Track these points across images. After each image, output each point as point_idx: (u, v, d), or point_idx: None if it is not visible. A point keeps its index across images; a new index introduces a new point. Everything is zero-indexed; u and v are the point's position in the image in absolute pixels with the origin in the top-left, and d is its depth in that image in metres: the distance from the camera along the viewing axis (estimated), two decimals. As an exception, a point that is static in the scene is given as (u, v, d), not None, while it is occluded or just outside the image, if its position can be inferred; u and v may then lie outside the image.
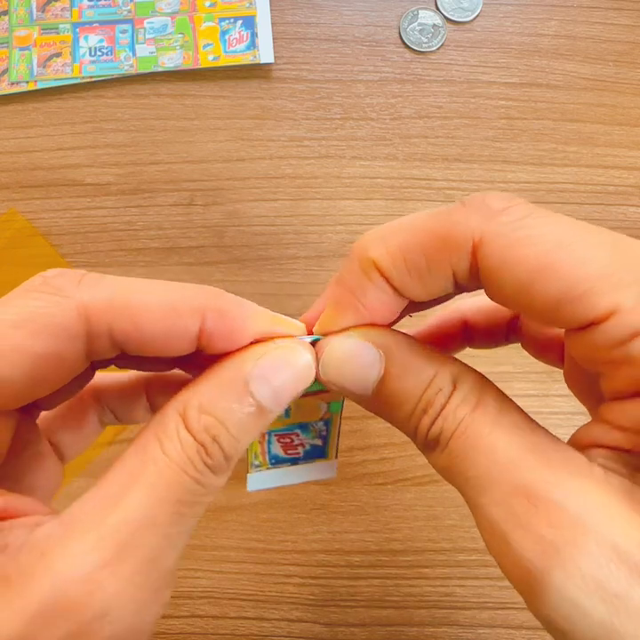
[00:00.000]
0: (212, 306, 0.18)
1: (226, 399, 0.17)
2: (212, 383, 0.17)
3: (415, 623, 0.37)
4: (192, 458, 0.16)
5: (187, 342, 0.18)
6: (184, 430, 0.17)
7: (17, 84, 0.46)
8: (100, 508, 0.16)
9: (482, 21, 0.47)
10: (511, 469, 0.15)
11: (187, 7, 0.47)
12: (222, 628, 0.37)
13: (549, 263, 0.15)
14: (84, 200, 0.44)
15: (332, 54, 0.47)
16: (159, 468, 0.16)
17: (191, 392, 0.17)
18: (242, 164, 0.45)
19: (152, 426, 0.17)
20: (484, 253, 0.16)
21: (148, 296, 0.17)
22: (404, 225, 0.17)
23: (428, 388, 0.17)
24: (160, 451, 0.16)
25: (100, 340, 0.17)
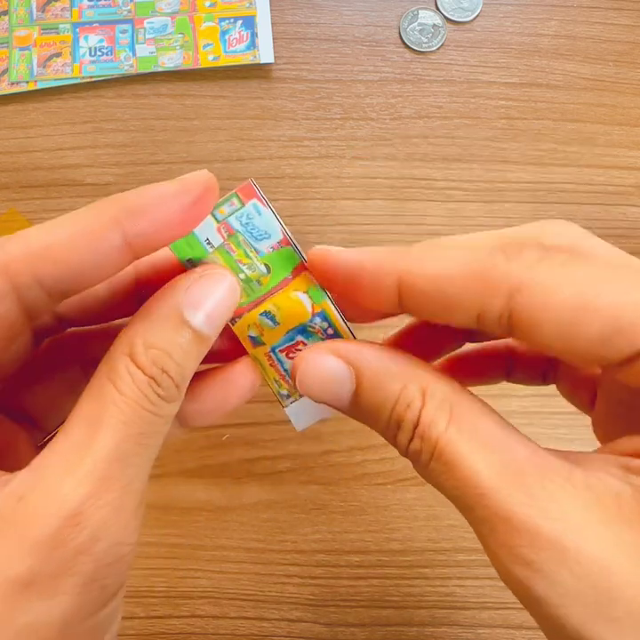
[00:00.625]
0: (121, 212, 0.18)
1: (166, 331, 0.18)
2: (152, 319, 0.18)
3: (415, 623, 0.37)
4: (145, 391, 0.17)
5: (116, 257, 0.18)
6: (133, 367, 0.17)
7: (17, 84, 0.46)
8: (71, 453, 0.17)
9: (482, 21, 0.47)
10: (491, 495, 0.16)
11: (187, 7, 0.47)
12: (222, 628, 0.37)
13: (589, 302, 0.16)
14: (84, 200, 0.44)
15: (332, 54, 0.47)
16: (118, 407, 0.17)
17: (132, 331, 0.18)
18: (242, 163, 0.45)
19: (102, 370, 0.18)
20: (522, 301, 0.16)
21: (57, 230, 0.17)
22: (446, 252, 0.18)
23: (397, 404, 0.18)
24: (115, 391, 0.17)
25: (32, 291, 0.17)
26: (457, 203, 0.44)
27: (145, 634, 0.37)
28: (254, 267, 0.20)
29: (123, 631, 0.37)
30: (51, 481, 0.16)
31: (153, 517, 0.38)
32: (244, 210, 0.21)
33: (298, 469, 0.39)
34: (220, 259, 0.20)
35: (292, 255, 0.20)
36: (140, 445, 0.18)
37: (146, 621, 0.37)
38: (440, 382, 0.18)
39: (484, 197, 0.44)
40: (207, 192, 0.20)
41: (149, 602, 0.38)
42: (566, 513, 0.15)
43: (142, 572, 0.38)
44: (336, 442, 0.40)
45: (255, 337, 0.21)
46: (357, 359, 0.19)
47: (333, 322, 0.21)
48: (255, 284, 0.20)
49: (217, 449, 0.40)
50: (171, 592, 0.38)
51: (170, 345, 0.18)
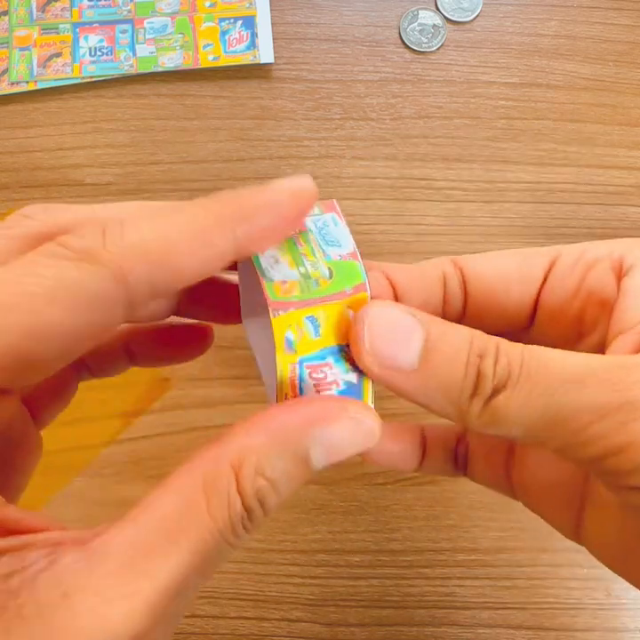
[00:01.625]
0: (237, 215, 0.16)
1: (284, 462, 0.16)
2: (274, 440, 0.16)
3: (415, 623, 0.37)
4: (235, 524, 0.15)
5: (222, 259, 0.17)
6: (235, 491, 0.15)
7: (17, 84, 0.46)
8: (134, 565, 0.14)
9: (482, 21, 0.47)
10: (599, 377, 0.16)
11: (187, 7, 0.47)
12: (222, 628, 0.37)
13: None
14: (84, 200, 0.44)
15: (332, 54, 0.47)
16: (201, 532, 0.15)
17: (247, 439, 0.16)
18: (242, 163, 0.45)
19: (200, 469, 0.16)
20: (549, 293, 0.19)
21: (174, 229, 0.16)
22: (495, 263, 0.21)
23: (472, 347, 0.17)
24: (206, 510, 0.15)
25: (140, 298, 0.16)
26: (457, 203, 0.44)
27: (145, 634, 0.37)
28: (318, 266, 0.19)
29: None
30: (104, 594, 0.14)
31: (153, 517, 0.38)
32: (322, 217, 0.20)
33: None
34: (286, 248, 0.19)
35: (358, 272, 0.19)
36: (204, 576, 0.16)
37: (146, 621, 0.37)
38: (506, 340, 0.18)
39: (483, 197, 0.44)
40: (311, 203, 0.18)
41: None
42: None
43: (142, 572, 0.38)
44: (336, 442, 0.40)
45: (292, 340, 0.19)
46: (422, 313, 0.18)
47: None
48: (313, 283, 0.19)
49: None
50: (171, 592, 0.38)
51: (280, 476, 0.16)
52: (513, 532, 0.38)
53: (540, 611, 0.37)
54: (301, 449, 0.16)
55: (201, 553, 0.15)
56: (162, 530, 0.15)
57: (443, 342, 0.17)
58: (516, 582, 0.37)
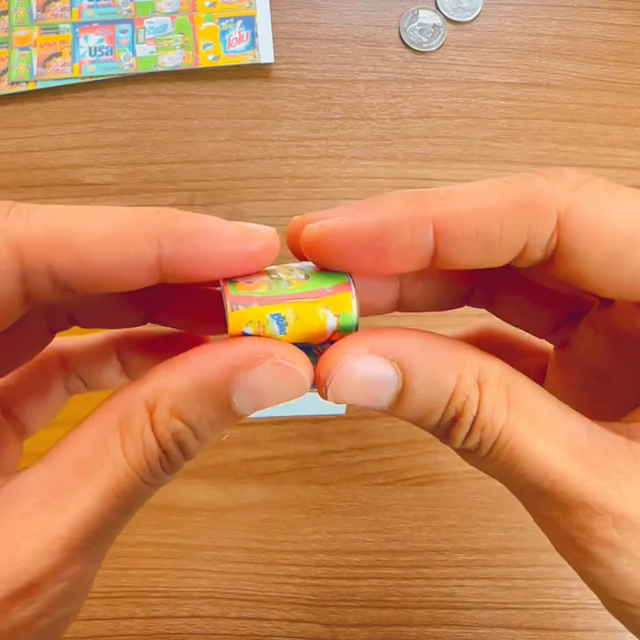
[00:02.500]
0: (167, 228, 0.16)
1: (202, 404, 0.15)
2: (191, 383, 0.15)
3: (415, 623, 0.37)
4: (152, 465, 0.15)
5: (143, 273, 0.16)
6: (150, 432, 0.15)
7: (17, 84, 0.46)
8: (46, 501, 0.15)
9: (482, 21, 0.47)
10: (564, 480, 0.15)
11: (187, 7, 0.47)
12: (222, 628, 0.37)
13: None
14: (84, 200, 0.44)
15: (332, 54, 0.47)
16: (117, 471, 0.15)
17: (164, 380, 0.16)
18: (242, 163, 0.45)
19: (116, 408, 0.16)
20: (571, 223, 0.15)
21: (90, 223, 0.15)
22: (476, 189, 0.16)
23: (453, 398, 0.16)
24: (120, 450, 0.15)
25: (39, 278, 0.16)
26: (457, 203, 0.44)
27: (145, 634, 0.37)
28: (292, 274, 0.17)
29: (123, 631, 0.37)
30: (15, 535, 0.14)
31: (153, 518, 0.38)
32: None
33: (298, 469, 0.39)
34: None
35: (341, 275, 0.17)
36: (123, 515, 0.16)
37: (146, 621, 0.37)
38: (490, 363, 0.16)
39: (484, 197, 0.44)
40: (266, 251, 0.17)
41: (149, 602, 0.38)
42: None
43: (142, 572, 0.38)
44: (336, 442, 0.40)
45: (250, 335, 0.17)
46: (404, 355, 0.16)
47: None
48: (284, 283, 0.17)
49: (217, 449, 0.40)
50: (171, 592, 0.38)
51: (199, 420, 0.15)
52: (513, 532, 0.38)
53: (540, 611, 0.37)
54: (222, 393, 0.15)
55: (116, 491, 0.15)
56: (75, 468, 0.15)
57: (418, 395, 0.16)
58: (516, 582, 0.37)
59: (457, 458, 0.18)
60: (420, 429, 0.17)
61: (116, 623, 0.37)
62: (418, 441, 0.39)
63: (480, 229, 0.16)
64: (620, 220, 0.15)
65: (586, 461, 0.15)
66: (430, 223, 0.16)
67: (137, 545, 0.38)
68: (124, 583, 0.38)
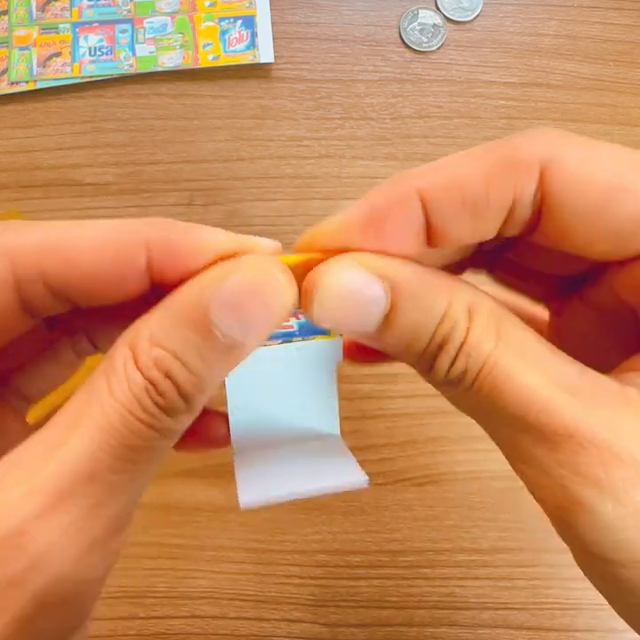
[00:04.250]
0: (156, 235, 0.16)
1: (181, 328, 0.15)
2: (167, 311, 0.15)
3: (415, 623, 0.37)
4: (140, 397, 0.15)
5: (134, 281, 0.16)
6: (132, 365, 0.15)
7: (17, 84, 0.46)
8: (39, 454, 0.15)
9: (482, 21, 0.47)
10: (551, 411, 0.15)
11: (186, 7, 0.47)
12: (222, 629, 0.37)
13: (625, 183, 0.14)
14: (84, 200, 0.44)
15: (331, 54, 0.47)
16: (104, 409, 0.14)
17: (143, 321, 0.15)
18: (242, 163, 0.45)
19: (104, 360, 0.15)
20: (553, 173, 0.15)
21: (80, 233, 0.16)
22: (458, 157, 0.16)
23: (442, 322, 0.15)
24: (106, 390, 0.15)
25: (33, 287, 0.16)
26: (457, 203, 0.44)
27: (145, 634, 0.37)
28: None
29: (123, 631, 0.37)
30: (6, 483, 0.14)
31: (153, 518, 0.38)
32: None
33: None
34: None
35: None
36: (122, 460, 0.15)
37: (146, 621, 0.37)
38: (483, 296, 0.16)
39: (484, 197, 0.44)
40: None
41: (149, 602, 0.38)
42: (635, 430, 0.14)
43: (142, 573, 0.38)
44: (336, 442, 0.40)
45: None
46: (395, 274, 0.15)
47: None
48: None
49: (217, 449, 0.40)
50: (171, 592, 0.38)
51: (181, 346, 0.15)
52: (513, 532, 0.38)
53: (541, 611, 0.37)
54: (198, 313, 0.15)
55: (105, 428, 0.14)
56: (64, 421, 0.15)
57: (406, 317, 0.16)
58: (516, 583, 0.37)
59: (457, 458, 0.18)
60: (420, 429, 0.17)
61: (115, 623, 0.37)
62: (418, 441, 0.39)
63: (466, 193, 0.15)
64: (601, 169, 0.15)
65: (575, 395, 0.15)
66: (416, 195, 0.15)
67: (137, 545, 0.38)
68: (123, 583, 0.38)
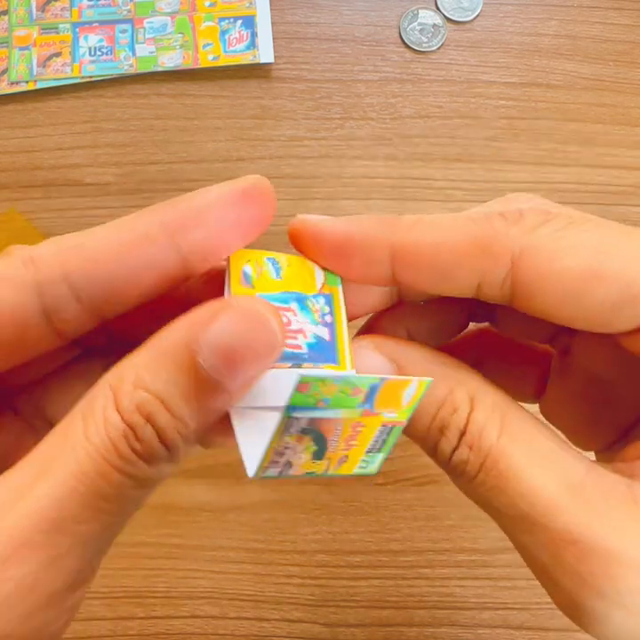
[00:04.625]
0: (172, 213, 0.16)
1: (166, 369, 0.14)
2: (152, 351, 0.14)
3: (415, 623, 0.37)
4: (116, 443, 0.14)
5: (161, 264, 0.16)
6: (112, 408, 0.14)
7: (16, 84, 0.46)
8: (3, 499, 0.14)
9: (482, 21, 0.47)
10: (554, 515, 0.14)
11: (186, 7, 0.47)
12: (222, 629, 0.37)
13: (597, 270, 0.15)
14: (84, 200, 0.44)
15: (331, 54, 0.47)
16: (76, 453, 0.14)
17: (129, 361, 0.14)
18: (242, 163, 0.45)
19: (82, 400, 0.15)
20: (525, 266, 0.15)
21: (97, 233, 0.16)
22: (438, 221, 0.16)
23: (442, 407, 0.16)
24: (82, 433, 0.14)
25: (56, 288, 0.15)
26: (457, 203, 0.44)
27: (145, 634, 0.37)
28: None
29: (123, 631, 0.37)
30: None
31: (153, 518, 0.38)
32: None
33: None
34: None
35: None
36: (91, 509, 0.14)
37: (146, 622, 0.37)
38: (489, 389, 0.16)
39: (483, 197, 0.44)
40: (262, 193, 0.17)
41: (149, 602, 0.38)
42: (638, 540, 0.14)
43: (142, 573, 0.38)
44: (336, 442, 0.40)
45: (249, 275, 0.16)
46: (402, 357, 0.17)
47: (335, 311, 0.17)
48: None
49: (217, 449, 0.40)
50: (171, 592, 0.38)
51: (165, 388, 0.14)
52: (513, 532, 0.38)
53: (541, 611, 0.37)
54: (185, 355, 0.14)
55: (75, 474, 0.13)
56: (37, 462, 0.14)
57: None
58: (516, 583, 0.37)
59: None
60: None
61: (115, 623, 0.37)
62: (418, 441, 0.39)
63: (433, 263, 0.16)
64: (574, 258, 0.15)
65: (580, 497, 0.14)
66: (387, 248, 0.16)
67: (137, 545, 0.38)
68: (123, 583, 0.38)
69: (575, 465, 0.15)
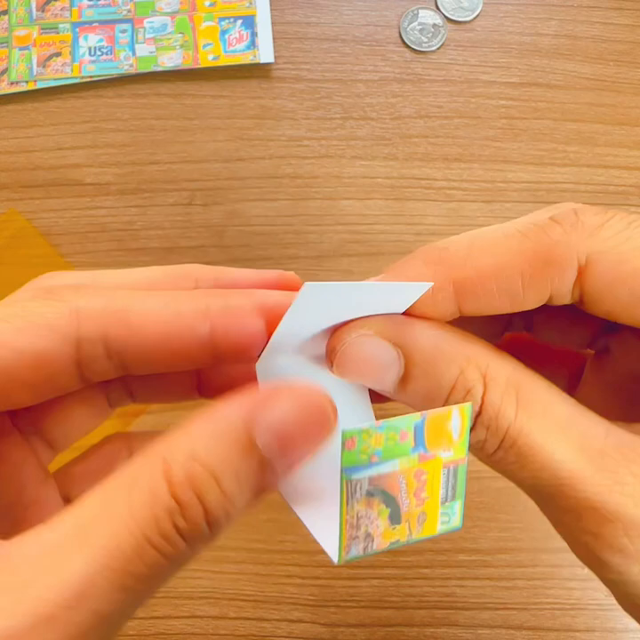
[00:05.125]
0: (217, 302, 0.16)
1: (221, 446, 0.13)
2: (208, 426, 0.14)
3: (415, 624, 0.37)
4: (160, 518, 0.13)
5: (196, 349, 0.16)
6: (162, 480, 0.13)
7: (16, 84, 0.46)
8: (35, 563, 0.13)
9: (482, 21, 0.47)
10: (575, 484, 0.15)
11: (186, 7, 0.47)
12: (222, 629, 0.37)
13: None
14: (84, 200, 0.44)
15: (332, 54, 0.47)
16: (115, 526, 0.13)
17: (183, 434, 0.14)
18: (242, 163, 0.45)
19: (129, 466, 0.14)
20: (593, 273, 0.15)
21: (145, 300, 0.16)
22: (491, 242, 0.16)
23: (454, 390, 0.16)
24: (125, 505, 0.13)
25: (93, 347, 0.16)
26: (457, 202, 0.44)
27: (145, 634, 0.37)
28: None
29: (123, 631, 0.37)
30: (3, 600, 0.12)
31: (153, 517, 0.38)
32: None
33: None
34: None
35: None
36: (122, 589, 0.13)
37: (146, 622, 0.37)
38: (501, 362, 0.16)
39: (483, 197, 0.44)
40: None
41: (149, 602, 0.37)
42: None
43: (142, 573, 0.38)
44: (336, 442, 0.40)
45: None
46: (406, 341, 0.16)
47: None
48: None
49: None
50: (170, 592, 0.38)
51: (220, 465, 0.13)
52: (513, 532, 0.38)
53: (541, 611, 0.37)
54: (244, 434, 0.14)
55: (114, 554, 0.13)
56: (73, 529, 0.13)
57: (419, 383, 0.16)
58: (516, 583, 0.37)
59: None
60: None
61: (115, 623, 0.37)
62: (418, 441, 0.39)
63: (501, 288, 0.16)
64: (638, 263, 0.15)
65: (599, 464, 0.15)
66: (451, 286, 0.16)
67: None
68: (123, 583, 0.38)
69: (594, 429, 0.15)
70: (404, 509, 0.15)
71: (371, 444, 0.14)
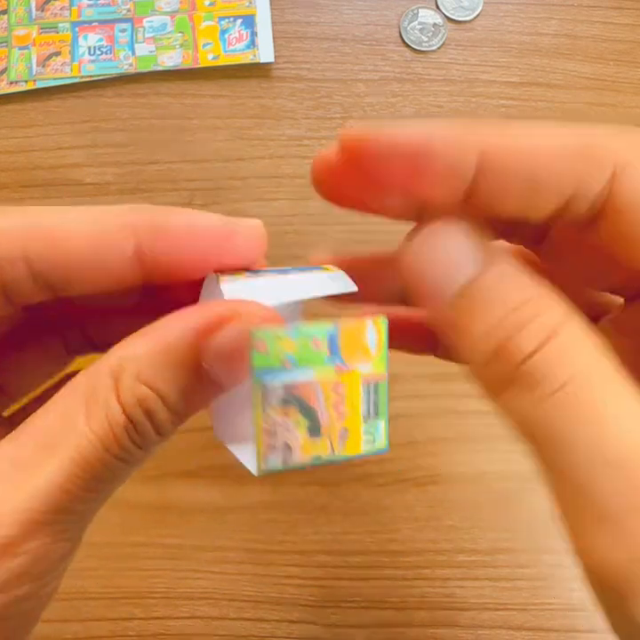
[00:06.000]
0: (143, 219, 0.16)
1: (167, 368, 0.15)
2: (153, 346, 0.15)
3: (415, 624, 0.37)
4: (118, 434, 0.15)
5: (120, 266, 0.16)
6: (114, 400, 0.15)
7: (16, 84, 0.46)
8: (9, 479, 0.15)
9: (482, 20, 0.47)
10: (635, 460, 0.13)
11: (186, 6, 0.47)
12: (222, 629, 0.37)
13: None
14: (84, 200, 0.44)
15: (332, 53, 0.47)
16: (79, 443, 0.15)
17: (131, 348, 0.15)
18: (242, 163, 0.45)
19: (83, 381, 0.15)
20: (626, 179, 0.14)
21: (66, 217, 0.16)
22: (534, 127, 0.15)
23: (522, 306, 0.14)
24: (84, 420, 0.15)
25: (16, 268, 0.16)
26: (457, 202, 0.44)
27: (144, 634, 0.37)
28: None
29: (122, 632, 0.37)
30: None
31: (153, 518, 0.38)
32: None
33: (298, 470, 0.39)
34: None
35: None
36: (91, 491, 0.15)
37: (145, 622, 0.37)
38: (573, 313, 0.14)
39: (484, 197, 0.44)
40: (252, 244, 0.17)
41: (149, 602, 0.37)
42: None
43: (142, 573, 0.38)
44: (336, 442, 0.40)
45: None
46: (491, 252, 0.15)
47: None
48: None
49: (217, 449, 0.39)
50: (170, 593, 0.38)
51: (168, 386, 0.15)
52: (513, 532, 0.38)
53: (541, 612, 0.36)
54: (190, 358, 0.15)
55: (78, 462, 0.14)
56: (39, 443, 0.15)
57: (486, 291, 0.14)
58: (516, 583, 0.37)
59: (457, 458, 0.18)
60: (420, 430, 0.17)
61: (115, 624, 0.37)
62: (418, 442, 0.39)
63: (527, 168, 0.14)
64: None
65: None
66: (477, 151, 0.14)
67: (136, 545, 0.38)
68: (123, 584, 0.38)
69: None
70: (324, 422, 0.14)
71: (283, 349, 0.14)
